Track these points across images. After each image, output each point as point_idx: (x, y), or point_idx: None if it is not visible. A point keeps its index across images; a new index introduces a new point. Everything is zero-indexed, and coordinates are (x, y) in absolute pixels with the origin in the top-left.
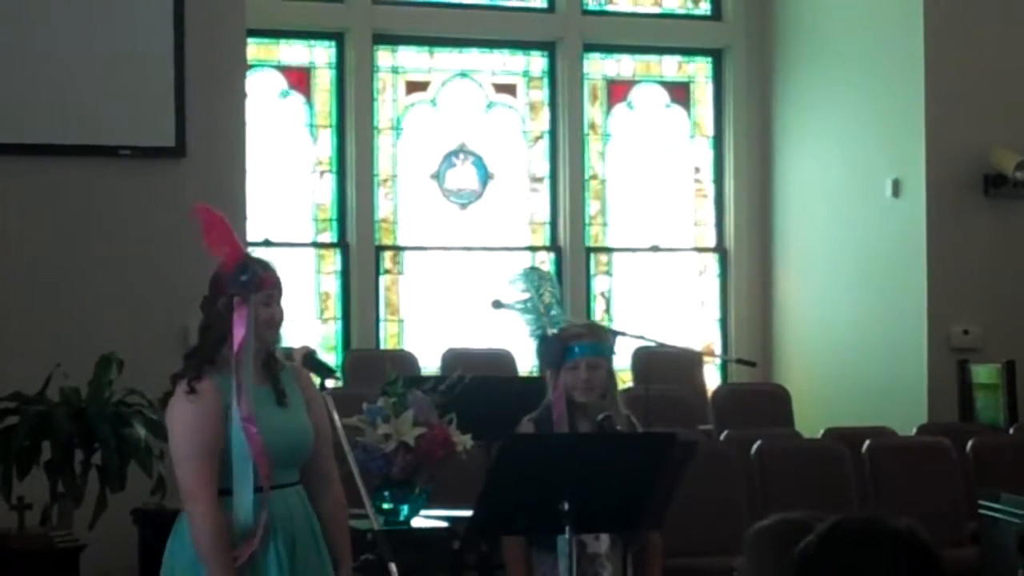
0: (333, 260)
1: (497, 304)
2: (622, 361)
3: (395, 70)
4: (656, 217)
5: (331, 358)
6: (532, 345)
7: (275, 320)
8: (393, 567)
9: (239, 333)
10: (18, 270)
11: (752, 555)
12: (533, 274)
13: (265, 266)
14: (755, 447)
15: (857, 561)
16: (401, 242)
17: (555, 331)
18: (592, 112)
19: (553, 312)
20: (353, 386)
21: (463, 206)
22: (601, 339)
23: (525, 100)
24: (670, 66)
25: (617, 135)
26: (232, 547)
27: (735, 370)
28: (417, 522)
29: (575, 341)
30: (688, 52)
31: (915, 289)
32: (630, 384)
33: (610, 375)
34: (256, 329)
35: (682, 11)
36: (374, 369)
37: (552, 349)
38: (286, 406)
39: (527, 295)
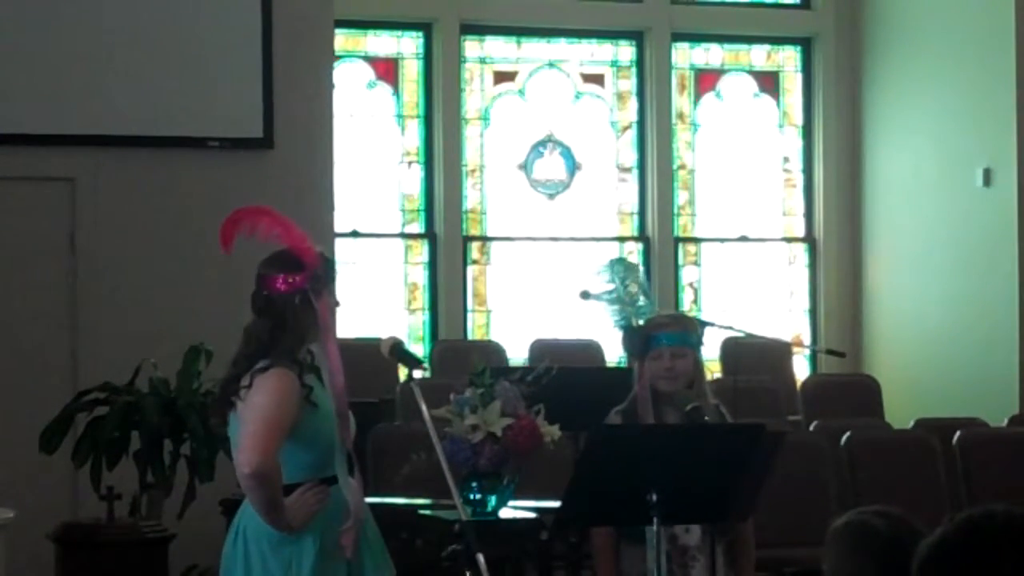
0: (421, 251)
1: (585, 295)
2: (711, 352)
3: (483, 60)
4: (745, 207)
5: (419, 349)
6: (618, 336)
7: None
8: (481, 558)
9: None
10: (107, 261)
11: (830, 551)
12: (619, 265)
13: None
14: (845, 438)
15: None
16: (489, 233)
17: (640, 322)
18: (680, 102)
19: (640, 303)
20: (440, 377)
21: (551, 196)
22: (686, 329)
23: (613, 90)
24: (759, 55)
25: (705, 125)
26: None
27: (824, 361)
28: (505, 513)
29: (659, 331)
30: (777, 41)
31: (1006, 279)
32: (719, 375)
33: (697, 366)
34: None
35: (771, 0)
36: (461, 360)
37: (636, 339)
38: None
39: (612, 286)
